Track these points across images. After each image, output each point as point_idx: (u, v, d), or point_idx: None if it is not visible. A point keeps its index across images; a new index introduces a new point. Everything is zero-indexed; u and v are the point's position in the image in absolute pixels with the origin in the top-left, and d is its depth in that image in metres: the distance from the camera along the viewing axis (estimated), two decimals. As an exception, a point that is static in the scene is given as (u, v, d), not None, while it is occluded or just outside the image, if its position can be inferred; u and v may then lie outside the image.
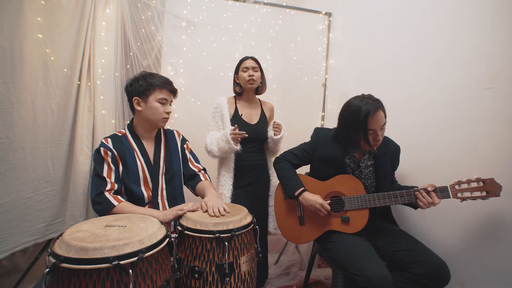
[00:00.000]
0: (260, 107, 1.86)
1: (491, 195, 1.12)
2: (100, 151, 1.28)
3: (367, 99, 1.29)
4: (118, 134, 1.37)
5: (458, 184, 1.18)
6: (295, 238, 1.51)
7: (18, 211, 1.47)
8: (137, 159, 1.33)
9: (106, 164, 1.27)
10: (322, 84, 2.27)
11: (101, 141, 1.31)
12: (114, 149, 1.28)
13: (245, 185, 1.72)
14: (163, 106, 1.35)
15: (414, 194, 1.24)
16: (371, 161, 1.44)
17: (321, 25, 2.28)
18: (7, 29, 1.38)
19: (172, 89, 1.38)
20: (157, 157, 1.39)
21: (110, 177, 1.26)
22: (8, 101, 1.40)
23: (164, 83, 1.35)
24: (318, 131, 1.56)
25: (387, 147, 1.45)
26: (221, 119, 1.71)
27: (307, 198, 1.38)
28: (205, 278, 1.07)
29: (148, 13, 1.99)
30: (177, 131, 1.55)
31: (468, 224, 1.30)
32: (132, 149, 1.34)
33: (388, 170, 1.42)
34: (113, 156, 1.28)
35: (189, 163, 1.52)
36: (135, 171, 1.31)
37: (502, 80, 1.20)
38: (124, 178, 1.29)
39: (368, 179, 1.43)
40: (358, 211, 1.35)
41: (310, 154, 1.52)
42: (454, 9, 1.39)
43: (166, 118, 1.37)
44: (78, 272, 0.79)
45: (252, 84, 1.72)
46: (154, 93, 1.32)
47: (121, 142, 1.33)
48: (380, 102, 1.29)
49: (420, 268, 1.16)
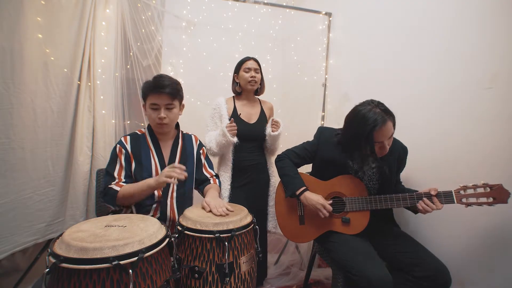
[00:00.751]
0: (259, 106, 1.86)
1: (498, 202, 1.08)
2: (116, 149, 1.35)
3: (375, 109, 1.19)
4: (138, 132, 1.43)
5: (463, 189, 1.14)
6: (295, 237, 1.51)
7: (18, 211, 1.47)
8: (152, 158, 1.37)
9: (118, 162, 1.33)
10: (322, 84, 2.26)
11: (120, 139, 1.38)
12: (129, 148, 1.35)
13: (243, 185, 1.72)
14: (154, 111, 1.32)
15: (417, 200, 1.21)
16: (376, 163, 1.38)
17: (321, 25, 2.28)
18: (7, 29, 1.38)
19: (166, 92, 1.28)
20: (172, 159, 1.42)
21: (120, 175, 1.32)
22: (8, 101, 1.40)
23: (154, 87, 1.28)
24: (322, 131, 1.52)
25: (394, 148, 1.37)
26: (219, 119, 1.72)
27: (308, 197, 1.37)
28: (205, 278, 1.07)
29: (148, 13, 1.99)
30: (194, 136, 1.57)
31: (470, 227, 1.29)
32: (148, 148, 1.38)
33: (393, 171, 1.38)
34: (126, 154, 1.34)
35: (202, 168, 1.54)
36: (148, 169, 1.35)
37: (502, 80, 1.19)
38: (137, 175, 1.33)
39: (371, 180, 1.40)
40: (359, 213, 1.34)
41: (312, 153, 1.51)
42: (454, 9, 1.39)
43: (159, 123, 1.34)
44: (78, 272, 0.79)
45: (253, 85, 1.73)
46: (148, 98, 1.34)
47: (139, 140, 1.39)
48: (388, 112, 1.20)
49: (420, 271, 1.16)
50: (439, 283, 1.14)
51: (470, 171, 1.27)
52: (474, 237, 1.28)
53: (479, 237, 1.26)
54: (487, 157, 1.23)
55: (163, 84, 1.30)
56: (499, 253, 1.19)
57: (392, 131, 1.22)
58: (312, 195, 1.37)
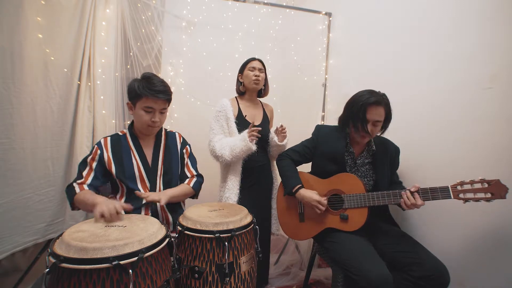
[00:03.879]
0: (262, 108, 1.86)
1: (496, 197, 1.08)
2: (93, 149, 1.33)
3: (376, 92, 1.35)
4: (119, 133, 1.40)
5: (460, 184, 1.15)
6: (295, 235, 1.54)
7: (18, 211, 1.47)
8: (133, 158, 1.34)
9: (89, 164, 1.30)
10: (322, 84, 2.26)
11: (100, 140, 1.35)
12: (109, 150, 1.32)
13: (250, 186, 1.71)
14: (147, 114, 1.31)
15: (400, 194, 1.24)
16: (369, 159, 1.45)
17: (321, 25, 2.28)
18: (7, 29, 1.38)
19: (162, 97, 1.30)
20: (155, 159, 1.39)
21: (87, 176, 1.28)
22: (8, 101, 1.40)
23: (153, 92, 1.27)
24: (319, 128, 1.60)
25: (387, 147, 1.46)
26: (226, 121, 1.69)
27: (303, 195, 1.41)
28: (205, 278, 1.07)
29: (148, 13, 1.99)
30: (178, 134, 1.54)
31: (469, 226, 1.29)
32: (128, 149, 1.35)
33: (386, 169, 1.43)
34: (101, 157, 1.30)
35: (185, 168, 1.50)
36: (130, 169, 1.32)
37: (502, 80, 1.19)
38: (120, 175, 1.31)
39: (365, 177, 1.44)
40: (357, 210, 1.35)
41: (312, 150, 1.55)
42: (454, 9, 1.39)
43: (151, 126, 1.33)
44: (78, 272, 0.79)
45: (257, 84, 1.73)
46: (141, 100, 1.29)
47: (119, 141, 1.36)
48: (386, 100, 1.34)
49: (419, 271, 1.16)
50: (438, 282, 1.14)
51: (470, 171, 1.27)
52: (473, 236, 1.28)
53: (479, 237, 1.26)
54: (487, 157, 1.23)
55: (160, 90, 1.29)
56: (498, 253, 1.19)
57: (381, 117, 1.32)
58: (307, 192, 1.41)
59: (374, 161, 1.44)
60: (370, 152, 1.45)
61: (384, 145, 1.46)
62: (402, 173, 1.52)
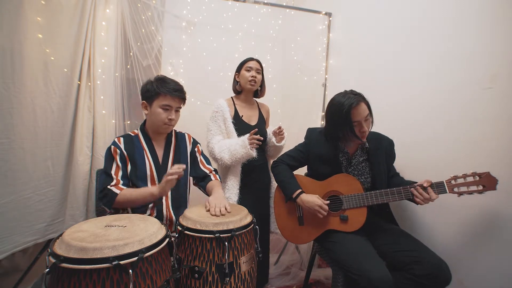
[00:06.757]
0: (258, 108, 1.87)
1: (488, 189, 1.12)
2: (111, 149, 1.34)
3: (348, 94, 1.33)
4: (131, 134, 1.43)
5: (454, 179, 1.18)
6: (295, 239, 1.52)
7: (18, 211, 1.47)
8: (146, 158, 1.38)
9: (114, 162, 1.32)
10: (322, 84, 2.27)
11: (113, 140, 1.37)
12: (124, 148, 1.34)
13: (249, 185, 1.71)
14: (165, 112, 1.35)
15: (410, 190, 1.24)
16: (364, 157, 1.44)
17: (321, 25, 2.28)
18: (7, 29, 1.38)
19: (179, 95, 1.36)
20: (165, 158, 1.42)
21: (117, 175, 1.31)
22: (8, 101, 1.40)
23: (170, 90, 1.33)
24: (311, 131, 1.59)
25: (380, 142, 1.45)
26: (223, 122, 1.70)
27: (305, 200, 1.39)
28: (205, 278, 1.07)
29: (148, 13, 1.99)
30: (188, 134, 1.57)
31: (469, 224, 1.30)
32: (141, 148, 1.39)
33: (382, 165, 1.42)
34: (121, 155, 1.33)
35: (200, 165, 1.54)
36: (142, 169, 1.36)
37: (502, 80, 1.19)
38: (132, 176, 1.33)
39: (362, 174, 1.43)
40: (356, 210, 1.35)
41: (306, 154, 1.54)
42: (454, 9, 1.39)
43: (167, 124, 1.37)
44: (78, 272, 0.79)
45: (252, 85, 1.72)
46: (158, 98, 1.34)
47: (132, 142, 1.39)
48: (361, 96, 1.33)
49: (420, 269, 1.16)
50: (439, 280, 1.14)
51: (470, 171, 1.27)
52: (473, 233, 1.28)
53: (478, 235, 1.26)
54: (487, 157, 1.23)
55: (176, 88, 1.36)
56: (499, 250, 1.19)
57: (367, 111, 1.31)
58: (308, 197, 1.39)
59: (370, 157, 1.43)
60: (364, 150, 1.45)
61: (377, 140, 1.45)
62: (402, 173, 1.51)
